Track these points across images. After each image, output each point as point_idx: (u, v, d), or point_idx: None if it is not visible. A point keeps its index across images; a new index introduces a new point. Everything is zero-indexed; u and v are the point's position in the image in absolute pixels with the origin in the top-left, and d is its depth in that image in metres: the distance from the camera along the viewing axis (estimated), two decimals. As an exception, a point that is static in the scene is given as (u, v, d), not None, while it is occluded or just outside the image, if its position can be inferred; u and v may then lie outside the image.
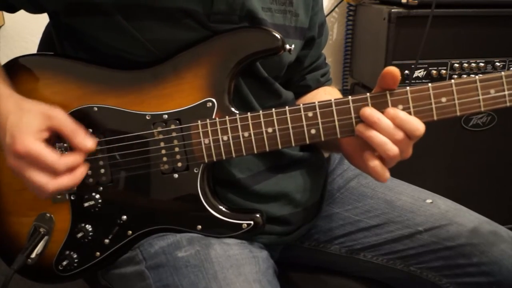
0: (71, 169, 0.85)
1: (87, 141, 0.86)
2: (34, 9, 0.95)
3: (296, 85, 1.12)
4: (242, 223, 0.91)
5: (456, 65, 1.78)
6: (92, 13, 0.88)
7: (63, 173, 0.84)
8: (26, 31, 0.96)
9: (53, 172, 0.83)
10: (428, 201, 1.05)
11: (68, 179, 0.85)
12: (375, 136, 0.82)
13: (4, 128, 0.84)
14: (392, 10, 1.70)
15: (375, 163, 0.83)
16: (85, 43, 0.93)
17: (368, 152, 0.84)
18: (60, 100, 0.91)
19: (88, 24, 0.89)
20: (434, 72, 1.77)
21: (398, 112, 0.82)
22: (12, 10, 0.98)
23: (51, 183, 0.83)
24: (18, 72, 0.93)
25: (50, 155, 0.82)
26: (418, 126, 0.82)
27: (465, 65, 1.79)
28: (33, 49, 1.03)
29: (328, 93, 1.14)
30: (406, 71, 1.75)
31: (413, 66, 1.73)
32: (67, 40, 0.96)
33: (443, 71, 1.78)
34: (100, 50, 0.92)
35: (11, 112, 0.85)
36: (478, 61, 1.80)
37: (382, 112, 0.83)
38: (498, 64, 1.81)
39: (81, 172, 0.87)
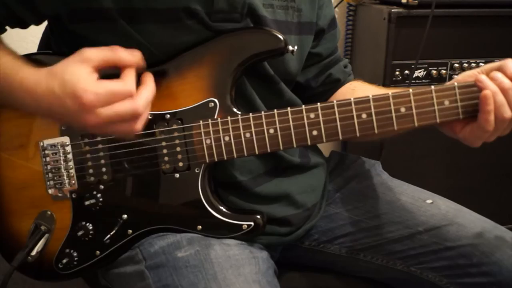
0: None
1: (132, 54, 0.82)
2: (31, 15, 0.91)
3: (323, 83, 1.11)
4: (242, 224, 0.91)
5: (456, 65, 1.78)
6: (95, 19, 0.87)
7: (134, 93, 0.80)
8: (26, 31, 0.96)
9: (131, 95, 0.79)
10: (429, 201, 1.06)
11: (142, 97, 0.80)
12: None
13: (56, 98, 0.79)
14: (392, 10, 1.69)
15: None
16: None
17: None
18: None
19: (90, 29, 0.89)
20: (434, 72, 1.77)
21: None
22: (23, 24, 0.94)
23: (136, 104, 0.79)
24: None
25: (116, 84, 0.78)
26: None
27: (465, 65, 1.79)
28: (33, 49, 1.02)
29: (363, 89, 1.08)
30: (406, 71, 1.75)
31: (413, 66, 1.72)
32: (65, 44, 0.96)
33: (443, 71, 1.78)
34: None
35: (52, 84, 0.79)
36: (478, 61, 1.79)
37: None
38: (498, 64, 1.80)
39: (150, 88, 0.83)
